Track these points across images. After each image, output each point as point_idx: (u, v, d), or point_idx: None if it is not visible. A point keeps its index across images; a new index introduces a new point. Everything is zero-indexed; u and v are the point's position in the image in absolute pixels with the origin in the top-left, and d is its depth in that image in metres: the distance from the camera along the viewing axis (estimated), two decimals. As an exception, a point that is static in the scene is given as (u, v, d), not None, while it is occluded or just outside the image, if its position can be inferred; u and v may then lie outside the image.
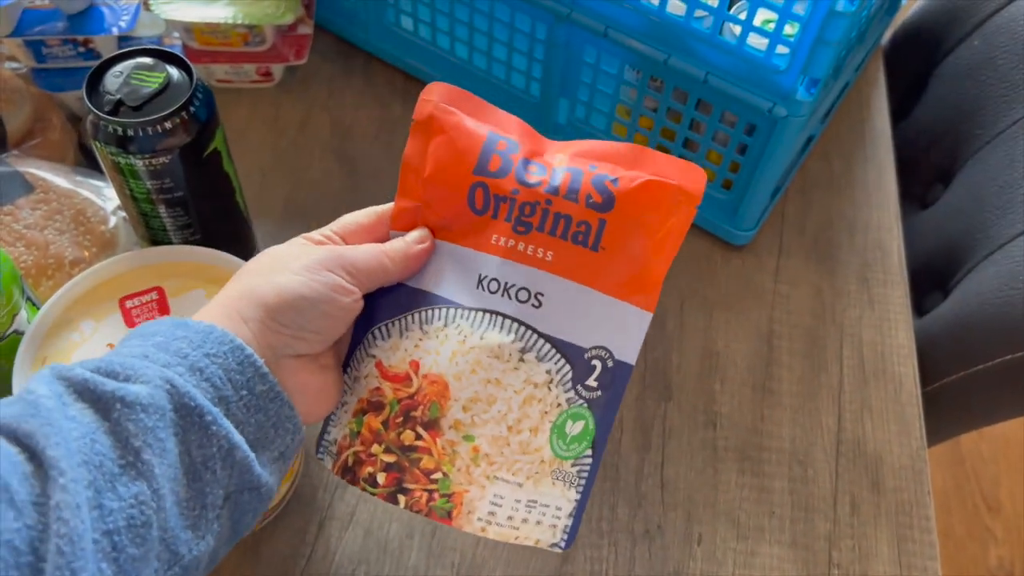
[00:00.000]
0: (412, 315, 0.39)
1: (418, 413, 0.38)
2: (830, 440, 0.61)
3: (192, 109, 0.48)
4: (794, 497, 0.59)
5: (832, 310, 0.68)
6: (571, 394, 0.39)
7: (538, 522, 0.39)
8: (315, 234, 0.40)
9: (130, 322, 0.48)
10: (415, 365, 0.38)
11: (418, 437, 0.38)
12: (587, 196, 0.39)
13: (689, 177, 0.40)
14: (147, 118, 0.46)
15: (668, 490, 0.58)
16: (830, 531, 0.58)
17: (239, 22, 0.69)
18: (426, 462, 0.38)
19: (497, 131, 0.41)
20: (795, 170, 0.75)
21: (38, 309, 0.48)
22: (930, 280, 0.76)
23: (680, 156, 0.68)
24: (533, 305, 0.38)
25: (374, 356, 0.40)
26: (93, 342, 0.47)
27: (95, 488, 0.29)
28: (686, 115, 0.64)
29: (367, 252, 0.39)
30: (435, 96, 0.41)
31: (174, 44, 0.72)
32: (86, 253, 0.57)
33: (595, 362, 0.39)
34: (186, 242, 0.53)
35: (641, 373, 0.63)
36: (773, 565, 0.56)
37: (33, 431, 0.29)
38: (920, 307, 0.77)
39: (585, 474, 0.40)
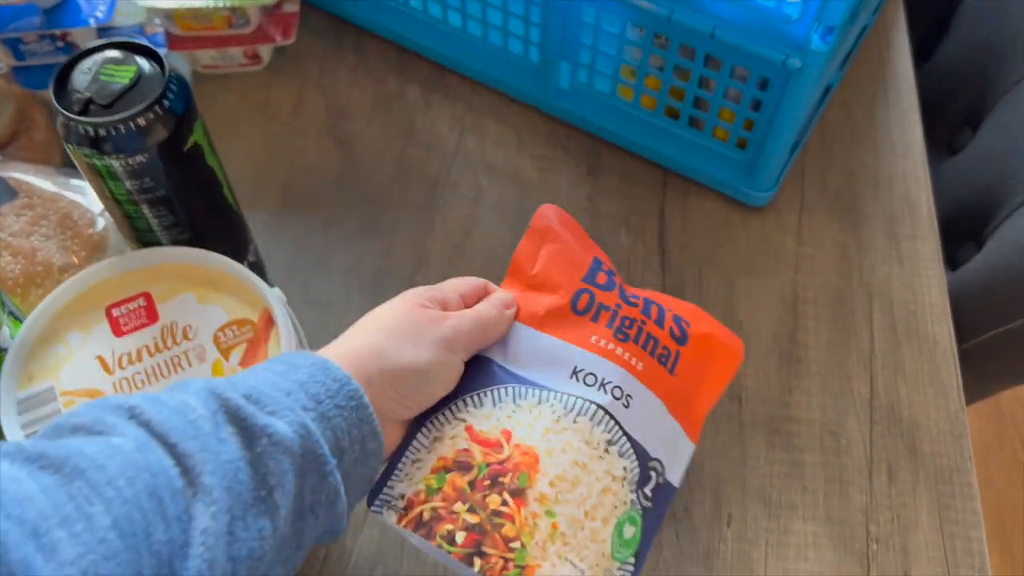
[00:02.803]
0: (506, 388, 0.42)
1: (506, 480, 0.39)
2: (863, 408, 0.58)
3: (167, 103, 0.45)
4: (827, 470, 0.56)
5: (859, 269, 0.64)
6: (634, 496, 0.41)
7: None
8: (424, 297, 0.43)
9: (118, 331, 0.46)
10: (507, 434, 0.41)
11: (504, 503, 0.39)
12: (670, 328, 0.45)
13: (734, 340, 0.48)
14: (119, 115, 0.44)
15: (694, 470, 0.56)
16: (866, 503, 0.55)
17: (221, 5, 0.66)
18: (508, 529, 0.39)
19: (600, 258, 0.48)
20: (814, 122, 0.71)
21: (21, 323, 0.46)
22: (962, 231, 0.73)
23: (691, 116, 0.65)
24: (623, 404, 0.42)
25: (463, 420, 0.42)
26: (80, 355, 0.45)
27: (231, 514, 0.31)
28: (694, 72, 0.61)
29: (471, 324, 0.42)
30: (551, 215, 0.48)
31: (156, 32, 0.69)
32: (75, 258, 0.55)
33: (652, 473, 0.42)
34: (175, 242, 0.51)
35: (660, 348, 0.60)
36: (808, 543, 0.54)
37: (192, 453, 0.32)
38: (953, 260, 0.73)
39: None
